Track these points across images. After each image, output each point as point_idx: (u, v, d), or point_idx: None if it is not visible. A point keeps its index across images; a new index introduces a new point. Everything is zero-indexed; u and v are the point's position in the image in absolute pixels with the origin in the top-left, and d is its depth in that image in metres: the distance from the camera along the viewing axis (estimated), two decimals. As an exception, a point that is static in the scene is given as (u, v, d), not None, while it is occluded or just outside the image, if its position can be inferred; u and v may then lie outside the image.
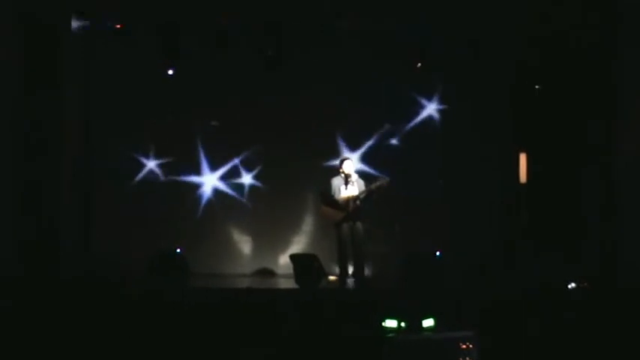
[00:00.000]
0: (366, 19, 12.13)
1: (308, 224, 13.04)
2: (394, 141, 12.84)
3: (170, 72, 12.67)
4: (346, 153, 12.57)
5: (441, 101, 12.88)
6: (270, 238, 12.99)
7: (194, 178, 13.02)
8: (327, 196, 11.28)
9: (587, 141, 11.96)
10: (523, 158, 12.84)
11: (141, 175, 12.88)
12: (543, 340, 7.57)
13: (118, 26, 12.32)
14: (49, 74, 11.64)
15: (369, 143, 12.81)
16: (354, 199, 11.01)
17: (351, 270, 11.16)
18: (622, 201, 11.25)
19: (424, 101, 12.91)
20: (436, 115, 12.89)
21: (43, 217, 11.46)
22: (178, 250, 11.50)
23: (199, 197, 13.00)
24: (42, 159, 11.52)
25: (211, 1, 12.01)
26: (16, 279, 9.97)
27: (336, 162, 11.71)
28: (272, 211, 12.89)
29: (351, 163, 11.34)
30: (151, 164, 12.90)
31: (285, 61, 12.31)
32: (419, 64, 12.58)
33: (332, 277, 11.28)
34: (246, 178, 13.02)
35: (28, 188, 11.26)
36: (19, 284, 9.56)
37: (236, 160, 13.01)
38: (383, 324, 7.04)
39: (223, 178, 13.05)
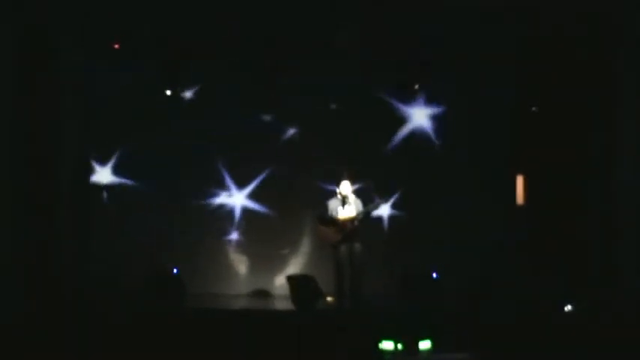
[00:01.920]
0: (364, 36, 12.11)
1: (305, 245, 13.06)
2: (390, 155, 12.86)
3: (168, 92, 12.67)
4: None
5: (438, 122, 12.90)
6: (266, 258, 12.98)
7: (192, 199, 13.08)
8: (325, 218, 11.27)
9: (587, 162, 11.99)
10: (520, 180, 12.86)
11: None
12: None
13: (116, 46, 12.33)
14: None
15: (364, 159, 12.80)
16: (352, 220, 11.01)
17: (348, 291, 11.13)
18: (623, 222, 11.24)
19: (421, 121, 12.93)
20: (433, 134, 12.94)
21: (40, 231, 11.37)
22: (175, 271, 11.47)
23: (196, 217, 13.01)
24: (41, 173, 11.45)
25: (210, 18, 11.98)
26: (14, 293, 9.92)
27: (333, 184, 11.72)
28: (268, 231, 12.92)
29: (349, 184, 11.29)
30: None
31: (281, 79, 12.37)
32: (417, 86, 12.66)
33: (329, 299, 11.26)
34: (241, 198, 13.05)
35: (26, 205, 11.16)
36: (17, 298, 9.53)
37: (232, 181, 13.05)
38: (379, 346, 7.03)
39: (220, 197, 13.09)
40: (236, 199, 13.03)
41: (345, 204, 11.07)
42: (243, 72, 12.45)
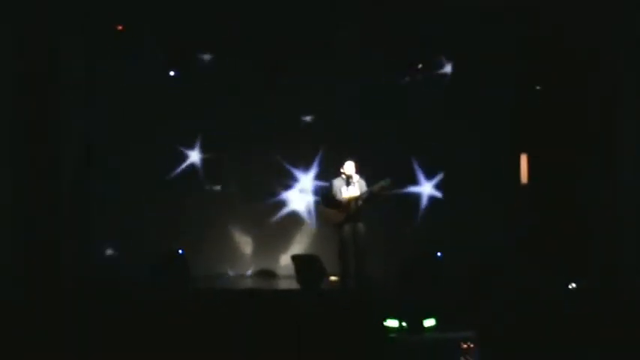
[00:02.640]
0: (365, 30, 12.23)
1: (307, 226, 13.15)
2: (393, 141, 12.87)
3: (172, 73, 12.74)
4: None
5: (442, 102, 12.91)
6: (272, 239, 13.08)
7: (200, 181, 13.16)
8: (329, 197, 11.33)
9: (589, 140, 12.02)
10: (524, 159, 12.87)
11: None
12: (542, 340, 7.59)
13: (120, 27, 12.36)
14: (50, 79, 11.58)
15: (370, 147, 12.82)
16: (356, 199, 11.00)
17: (352, 270, 11.17)
18: (624, 203, 11.28)
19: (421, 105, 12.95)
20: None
21: (44, 216, 11.43)
22: (180, 251, 11.51)
23: (202, 199, 13.07)
24: (44, 159, 11.51)
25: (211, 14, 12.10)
26: (19, 280, 9.97)
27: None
28: (274, 212, 13.03)
29: (352, 164, 11.28)
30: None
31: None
32: (420, 65, 12.68)
33: (333, 278, 11.31)
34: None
35: (30, 186, 11.22)
36: (22, 286, 9.55)
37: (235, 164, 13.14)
38: (384, 324, 7.07)
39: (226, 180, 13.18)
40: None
41: (349, 184, 11.10)
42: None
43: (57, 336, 7.91)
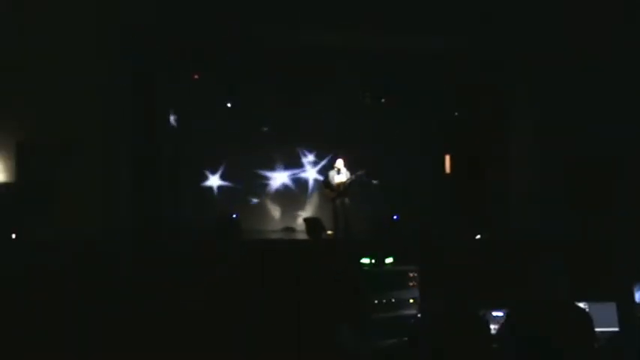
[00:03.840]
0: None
1: (314, 199, 12.93)
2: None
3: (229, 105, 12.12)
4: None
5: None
6: (291, 207, 12.85)
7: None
8: (327, 182, 11.16)
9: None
10: (448, 158, 12.73)
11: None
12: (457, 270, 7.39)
13: (196, 77, 11.83)
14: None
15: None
16: (343, 183, 10.90)
17: (341, 228, 11.05)
18: (514, 182, 11.09)
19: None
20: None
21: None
22: (234, 216, 11.31)
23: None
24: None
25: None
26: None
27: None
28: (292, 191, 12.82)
29: (342, 160, 11.19)
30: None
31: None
32: (382, 100, 12.45)
33: (329, 232, 11.17)
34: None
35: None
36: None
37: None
38: (360, 261, 6.92)
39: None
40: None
41: (339, 173, 10.98)
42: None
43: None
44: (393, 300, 5.53)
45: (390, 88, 12.00)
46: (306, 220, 11.29)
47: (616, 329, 4.82)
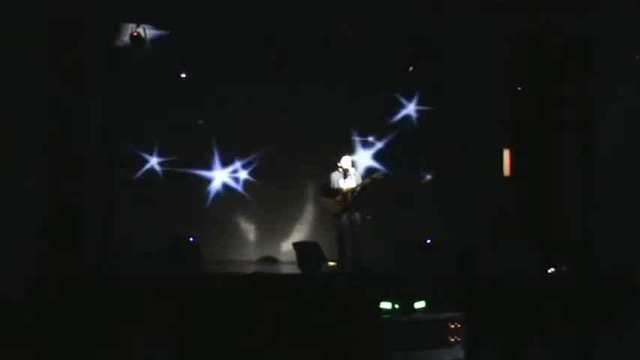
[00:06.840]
0: (364, 25, 11.97)
1: (309, 213, 13.04)
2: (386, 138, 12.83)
3: (183, 75, 12.55)
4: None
5: (431, 101, 12.85)
6: (273, 227, 12.98)
7: (205, 173, 13.04)
8: (329, 188, 11.24)
9: (566, 136, 11.98)
10: (507, 154, 12.84)
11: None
12: (523, 320, 7.52)
13: (135, 34, 12.22)
14: (74, 72, 11.55)
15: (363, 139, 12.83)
16: (352, 191, 10.97)
17: (349, 256, 11.12)
18: (601, 191, 11.22)
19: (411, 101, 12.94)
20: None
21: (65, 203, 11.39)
22: (191, 239, 11.36)
23: (209, 190, 12.99)
24: (65, 152, 11.48)
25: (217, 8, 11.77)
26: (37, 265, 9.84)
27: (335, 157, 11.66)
28: (274, 201, 12.92)
29: (349, 158, 11.25)
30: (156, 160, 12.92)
31: (287, 64, 12.22)
32: (410, 68, 12.59)
33: (331, 263, 11.23)
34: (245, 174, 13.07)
35: (52, 180, 11.12)
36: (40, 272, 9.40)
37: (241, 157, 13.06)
38: (379, 306, 7.01)
39: (232, 172, 13.06)
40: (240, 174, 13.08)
41: (347, 177, 11.05)
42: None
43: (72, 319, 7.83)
44: (427, 363, 5.63)
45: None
46: (296, 245, 11.37)
47: None
